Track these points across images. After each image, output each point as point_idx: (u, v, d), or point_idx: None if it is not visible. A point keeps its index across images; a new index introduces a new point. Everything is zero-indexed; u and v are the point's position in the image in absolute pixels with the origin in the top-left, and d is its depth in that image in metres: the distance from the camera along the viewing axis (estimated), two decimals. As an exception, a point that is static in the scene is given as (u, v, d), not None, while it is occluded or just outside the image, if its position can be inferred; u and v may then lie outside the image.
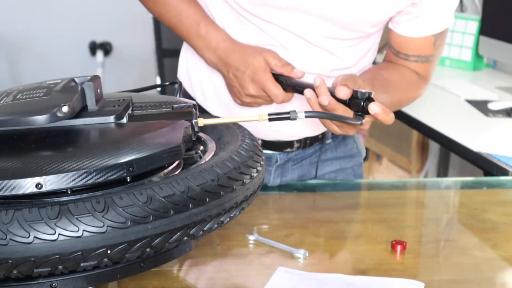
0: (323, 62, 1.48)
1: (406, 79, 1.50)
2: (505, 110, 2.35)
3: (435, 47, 1.52)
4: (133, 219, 0.89)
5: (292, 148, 1.59)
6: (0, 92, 1.12)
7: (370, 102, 1.13)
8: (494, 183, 1.61)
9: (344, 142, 1.68)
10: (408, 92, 1.52)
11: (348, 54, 1.50)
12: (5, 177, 0.90)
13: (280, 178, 1.61)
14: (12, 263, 0.87)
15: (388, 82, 1.43)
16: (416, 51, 1.52)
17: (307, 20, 1.43)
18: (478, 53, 3.10)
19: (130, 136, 1.03)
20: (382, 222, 1.32)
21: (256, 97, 1.42)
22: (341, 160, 1.67)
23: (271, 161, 1.59)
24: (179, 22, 1.52)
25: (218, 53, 1.47)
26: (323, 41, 1.46)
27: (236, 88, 1.45)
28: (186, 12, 1.51)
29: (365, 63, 1.55)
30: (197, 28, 1.50)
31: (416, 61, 1.52)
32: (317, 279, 1.06)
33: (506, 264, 1.16)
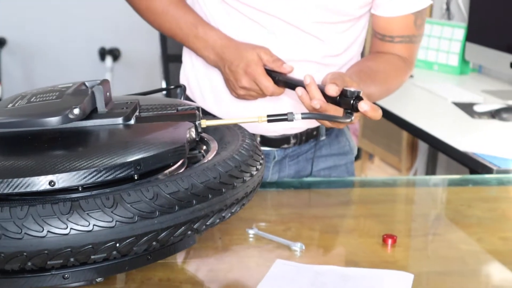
0: (313, 49, 1.49)
1: (393, 66, 1.51)
2: (489, 112, 2.35)
3: (416, 27, 1.53)
4: (140, 214, 0.90)
5: (289, 144, 1.59)
6: (15, 95, 1.12)
7: (359, 100, 1.13)
8: (479, 181, 1.61)
9: (337, 140, 1.68)
10: (395, 79, 1.53)
11: (337, 41, 1.51)
12: (20, 175, 0.90)
13: (278, 174, 1.61)
14: (26, 256, 0.87)
15: (375, 72, 1.44)
16: (400, 31, 1.53)
17: (297, 6, 1.44)
18: (464, 58, 3.10)
19: (137, 137, 1.03)
20: (374, 217, 1.32)
21: (249, 89, 1.42)
22: (335, 157, 1.67)
23: (269, 158, 1.59)
24: (178, 28, 1.53)
25: (216, 50, 1.48)
26: (313, 26, 1.47)
27: (231, 81, 1.45)
28: (183, 18, 1.52)
29: (354, 52, 1.56)
30: (195, 31, 1.51)
31: (401, 41, 1.53)
32: (313, 270, 1.06)
33: (490, 257, 1.16)
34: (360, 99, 1.14)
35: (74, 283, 0.95)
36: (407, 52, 1.54)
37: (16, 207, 0.87)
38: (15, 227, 0.86)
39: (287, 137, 1.58)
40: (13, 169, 0.92)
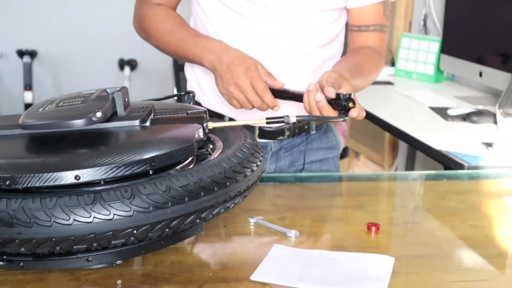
0: (302, 38, 1.51)
1: (372, 59, 1.53)
2: (461, 116, 2.35)
3: (385, 17, 1.58)
4: (155, 205, 0.90)
5: (284, 136, 1.60)
6: (45, 100, 1.12)
7: (350, 101, 1.19)
8: (452, 176, 1.61)
9: (326, 135, 1.69)
10: (375, 70, 1.55)
11: (323, 32, 1.54)
12: (50, 170, 0.90)
13: (275, 164, 1.62)
14: (55, 241, 0.88)
15: (360, 67, 1.45)
16: (372, 20, 1.56)
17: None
18: (439, 68, 3.10)
19: (152, 137, 1.03)
20: (360, 208, 1.32)
21: (241, 89, 1.37)
22: (324, 150, 1.68)
23: (267, 149, 1.60)
24: (181, 41, 1.50)
25: (215, 52, 1.43)
26: (304, 16, 1.50)
27: (226, 78, 1.39)
28: (186, 32, 1.52)
29: (336, 50, 1.60)
30: (196, 39, 1.48)
31: (374, 30, 1.56)
32: (306, 254, 1.06)
33: (462, 243, 1.16)
34: (351, 99, 1.19)
35: (96, 265, 0.96)
36: (380, 42, 1.57)
37: (46, 198, 0.88)
38: (45, 216, 0.87)
39: (282, 130, 1.58)
40: (43, 165, 0.92)
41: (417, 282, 1.01)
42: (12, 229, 0.87)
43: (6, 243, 0.89)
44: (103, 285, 0.94)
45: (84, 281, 0.95)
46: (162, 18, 1.54)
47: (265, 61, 1.46)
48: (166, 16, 1.54)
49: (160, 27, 1.53)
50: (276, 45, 1.49)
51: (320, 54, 1.54)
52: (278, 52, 1.49)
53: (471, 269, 1.08)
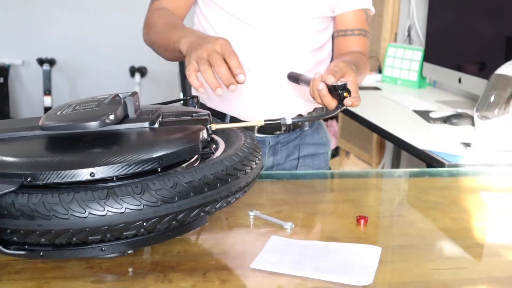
0: (300, 42, 1.53)
1: (361, 59, 1.53)
2: (442, 118, 2.35)
3: (367, 24, 1.59)
4: (163, 199, 0.90)
5: (280, 131, 1.60)
6: (63, 104, 1.12)
7: (345, 91, 1.19)
8: (434, 173, 1.62)
9: (317, 131, 1.70)
10: (365, 69, 1.54)
11: (316, 38, 1.56)
12: (67, 168, 0.90)
13: (273, 157, 1.62)
14: (72, 232, 0.88)
15: (357, 64, 1.45)
16: (357, 25, 1.57)
17: (287, 6, 1.49)
18: (422, 75, 3.11)
19: (160, 137, 1.03)
20: (350, 202, 1.33)
21: (210, 55, 1.12)
22: (316, 145, 1.69)
23: (265, 143, 1.60)
24: (168, 30, 1.39)
25: (196, 34, 1.28)
26: (302, 23, 1.51)
27: (201, 44, 1.17)
28: (171, 26, 1.42)
29: (325, 54, 1.61)
30: (182, 29, 1.36)
31: (359, 34, 1.58)
32: (300, 245, 1.06)
33: (443, 234, 1.16)
34: (346, 89, 1.19)
35: (109, 254, 0.96)
36: (364, 46, 1.59)
37: (63, 193, 0.88)
38: (63, 209, 0.87)
39: (279, 126, 1.59)
40: (61, 163, 0.92)
41: (402, 270, 1.01)
42: (33, 221, 0.87)
43: (28, 234, 0.89)
44: (116, 273, 0.94)
45: (98, 269, 0.95)
46: (162, 17, 1.49)
47: (264, 61, 1.47)
48: (168, 15, 1.49)
49: (159, 24, 1.47)
50: (273, 47, 1.51)
51: (313, 57, 1.56)
52: (276, 53, 1.51)
53: (451, 258, 1.08)
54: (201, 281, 0.93)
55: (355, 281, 0.93)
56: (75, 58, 4.66)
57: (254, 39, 1.50)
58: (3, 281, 0.91)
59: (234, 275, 0.96)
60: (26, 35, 4.57)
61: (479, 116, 2.15)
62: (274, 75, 1.50)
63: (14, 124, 1.12)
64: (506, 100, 2.08)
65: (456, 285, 0.95)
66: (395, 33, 3.55)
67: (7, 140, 1.05)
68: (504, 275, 1.01)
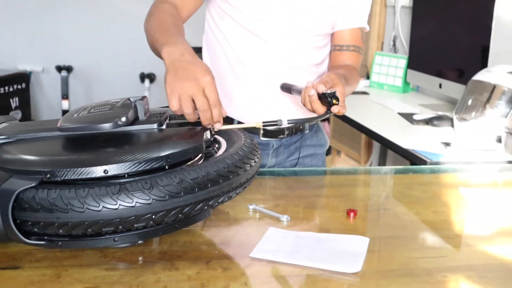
0: (303, 58, 1.53)
1: (352, 73, 1.53)
2: (424, 120, 2.35)
3: (362, 42, 1.59)
4: (170, 194, 0.90)
5: (284, 135, 1.60)
6: (78, 107, 1.12)
7: (334, 98, 1.21)
8: (417, 170, 1.62)
9: (316, 134, 1.70)
10: (354, 82, 1.54)
11: (317, 54, 1.55)
12: (83, 165, 0.90)
13: (275, 158, 1.62)
14: (87, 224, 0.88)
15: (346, 77, 1.45)
16: (352, 41, 1.57)
17: (292, 22, 1.47)
18: (406, 81, 3.11)
19: (167, 138, 1.03)
20: (340, 197, 1.32)
21: (197, 97, 1.06)
22: (315, 147, 1.69)
23: (269, 146, 1.60)
24: (160, 29, 1.28)
25: (180, 45, 1.16)
26: (304, 40, 1.50)
27: (185, 75, 1.08)
28: (162, 31, 1.29)
29: (324, 68, 1.60)
30: (171, 32, 1.27)
31: (353, 50, 1.57)
32: (296, 235, 1.06)
33: (425, 226, 1.16)
34: (335, 97, 1.21)
35: (121, 244, 0.96)
36: (356, 60, 1.59)
37: (79, 189, 0.88)
38: (79, 203, 0.87)
39: (282, 130, 1.59)
40: (77, 161, 0.92)
41: (388, 258, 1.01)
42: (52, 214, 0.87)
43: (47, 226, 0.89)
44: (127, 261, 0.94)
45: (111, 258, 0.95)
46: (164, 13, 1.36)
47: (273, 72, 1.47)
48: (170, 12, 1.37)
49: (158, 16, 1.35)
50: (283, 60, 1.50)
51: (314, 71, 1.55)
52: (284, 66, 1.51)
53: (432, 247, 1.08)
54: (205, 269, 0.93)
55: (346, 268, 0.93)
56: (90, 65, 4.66)
57: (264, 52, 1.49)
58: (25, 268, 0.91)
59: (235, 263, 0.96)
60: (46, 45, 4.57)
61: (458, 118, 2.15)
62: (282, 81, 1.50)
63: (35, 126, 1.12)
64: (482, 104, 2.08)
65: (437, 272, 0.95)
66: (382, 43, 3.56)
67: (28, 140, 1.05)
68: (480, 263, 1.01)
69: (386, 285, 0.91)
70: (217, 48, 1.55)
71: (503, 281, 0.94)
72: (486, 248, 1.07)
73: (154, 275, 0.90)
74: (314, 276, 0.92)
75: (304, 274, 0.93)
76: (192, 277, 0.90)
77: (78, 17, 4.57)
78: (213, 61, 1.56)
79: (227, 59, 1.52)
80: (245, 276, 0.92)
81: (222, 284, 0.88)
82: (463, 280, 0.94)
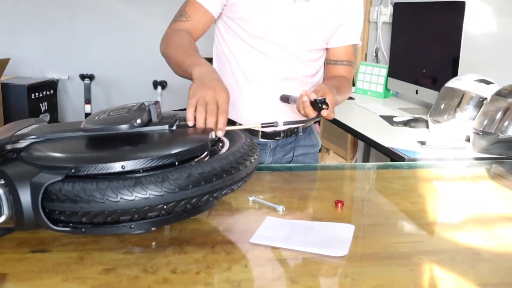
0: (299, 70, 1.52)
1: (344, 83, 1.54)
2: (403, 122, 2.35)
3: (354, 57, 1.59)
4: (180, 187, 0.89)
5: (280, 137, 1.60)
6: (100, 110, 1.12)
7: (324, 104, 1.23)
8: (396, 166, 1.62)
9: (309, 136, 1.70)
10: (346, 92, 1.54)
11: (312, 65, 1.55)
12: (103, 162, 0.90)
13: (272, 157, 1.63)
14: (107, 213, 0.88)
15: (339, 87, 1.46)
16: (345, 57, 1.57)
17: (292, 39, 1.47)
18: (387, 87, 3.11)
19: (177, 138, 1.03)
20: (330, 189, 1.32)
21: (208, 99, 1.11)
22: (308, 147, 1.69)
23: (267, 146, 1.60)
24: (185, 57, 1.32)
25: (204, 65, 1.24)
26: (301, 53, 1.50)
27: (202, 84, 1.15)
28: (184, 49, 1.36)
29: (319, 78, 1.60)
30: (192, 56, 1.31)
31: (347, 64, 1.57)
32: (290, 223, 1.06)
33: (403, 215, 1.16)
34: (325, 103, 1.24)
35: (137, 231, 0.95)
36: (349, 73, 1.59)
37: (100, 182, 0.87)
38: (99, 195, 0.86)
39: (279, 132, 1.59)
40: (98, 158, 0.92)
41: (370, 243, 1.01)
42: (76, 204, 0.87)
43: (72, 214, 0.89)
44: (142, 246, 0.94)
45: (128, 243, 0.95)
46: (181, 38, 1.40)
47: (275, 83, 1.47)
48: (184, 37, 1.40)
49: (175, 42, 1.39)
50: (283, 73, 1.51)
51: (310, 81, 1.55)
52: (283, 78, 1.51)
53: (410, 234, 1.08)
54: (210, 253, 0.92)
55: (334, 252, 0.93)
56: (109, 74, 4.66)
57: (268, 67, 1.50)
58: (53, 251, 0.91)
59: (237, 248, 0.96)
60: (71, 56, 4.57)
61: (432, 121, 2.15)
62: (282, 92, 1.50)
63: (61, 127, 1.12)
64: (453, 108, 2.08)
65: (413, 255, 0.95)
66: (365, 54, 3.56)
67: (55, 139, 1.05)
68: (451, 247, 1.01)
69: (369, 266, 0.91)
70: (224, 60, 1.55)
71: (470, 262, 0.95)
72: (456, 234, 1.07)
73: (165, 258, 0.90)
74: (306, 259, 0.92)
75: (297, 257, 0.93)
76: (199, 260, 0.90)
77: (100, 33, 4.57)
78: (220, 69, 1.56)
79: (232, 72, 1.53)
80: (246, 259, 0.92)
81: (225, 266, 0.88)
82: (436, 262, 0.94)
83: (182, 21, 1.46)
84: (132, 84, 4.67)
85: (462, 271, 0.91)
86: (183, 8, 1.49)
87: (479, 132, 1.85)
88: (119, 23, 4.56)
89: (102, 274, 0.84)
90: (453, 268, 0.92)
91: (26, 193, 0.88)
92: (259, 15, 1.44)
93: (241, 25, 1.46)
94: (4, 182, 0.89)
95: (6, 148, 1.01)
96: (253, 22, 1.44)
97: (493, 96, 1.88)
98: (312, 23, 1.47)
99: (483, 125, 1.84)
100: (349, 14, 1.52)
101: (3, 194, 0.88)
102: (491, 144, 1.82)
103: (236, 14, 1.46)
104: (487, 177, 1.46)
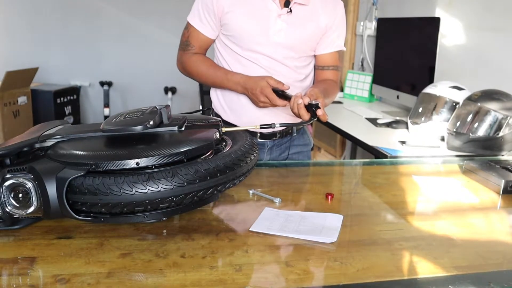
0: (289, 76, 1.51)
1: (332, 87, 1.53)
2: (386, 123, 2.35)
3: (340, 61, 1.58)
4: (187, 182, 0.89)
5: (276, 137, 1.60)
6: (116, 113, 1.12)
7: (317, 108, 1.23)
8: (380, 162, 1.61)
9: (302, 136, 1.70)
10: (334, 94, 1.54)
11: (301, 71, 1.53)
12: (120, 159, 0.90)
13: (270, 155, 1.62)
14: (123, 205, 0.88)
15: (327, 90, 1.45)
16: (331, 63, 1.57)
17: (278, 50, 1.47)
18: (371, 93, 3.10)
19: (186, 137, 1.03)
20: (321, 183, 1.32)
21: (264, 102, 1.38)
22: (301, 146, 1.69)
23: (265, 146, 1.60)
24: (217, 78, 1.49)
25: (241, 84, 1.44)
26: (289, 61, 1.50)
27: (254, 100, 1.41)
28: (219, 72, 1.50)
29: (308, 82, 1.59)
30: (226, 77, 1.48)
31: (333, 69, 1.57)
32: (286, 214, 1.06)
33: (386, 206, 1.16)
34: (318, 107, 1.24)
35: (150, 220, 0.95)
36: (336, 77, 1.59)
37: (117, 177, 0.88)
38: (117, 188, 0.86)
39: (275, 133, 1.59)
40: (116, 156, 0.92)
41: (357, 231, 1.01)
42: (96, 196, 0.87)
43: (93, 205, 0.89)
44: (154, 233, 0.94)
45: (142, 231, 0.95)
46: (199, 63, 1.52)
47: None
48: (202, 61, 1.52)
49: (199, 70, 1.52)
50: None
51: (300, 85, 1.55)
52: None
53: (392, 222, 1.08)
54: (215, 240, 0.93)
55: (325, 239, 0.93)
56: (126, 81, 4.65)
57: (260, 75, 1.49)
58: (76, 238, 0.91)
59: (238, 235, 0.96)
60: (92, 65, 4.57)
61: (411, 122, 2.15)
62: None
63: (83, 128, 1.11)
64: (430, 111, 2.08)
65: (395, 241, 0.95)
66: (352, 63, 3.55)
67: (78, 139, 1.05)
68: (428, 234, 1.01)
69: (356, 251, 0.91)
70: None
71: (445, 247, 0.95)
72: (432, 222, 1.07)
73: (175, 244, 0.90)
74: (300, 245, 0.92)
75: (292, 243, 0.93)
76: (205, 246, 0.90)
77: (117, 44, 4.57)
78: None
79: None
80: (246, 245, 0.92)
81: (228, 251, 0.88)
82: (415, 247, 0.94)
83: (189, 51, 1.55)
84: (146, 90, 4.66)
85: (437, 255, 0.91)
86: (187, 38, 1.54)
87: (452, 132, 1.86)
88: (134, 35, 4.55)
89: (119, 258, 0.85)
90: (430, 253, 0.92)
91: (52, 187, 0.88)
92: (248, 31, 1.45)
93: (234, 41, 1.48)
94: (33, 177, 0.89)
95: (35, 146, 1.01)
96: (243, 38, 1.46)
97: (464, 100, 1.88)
98: (298, 35, 1.47)
99: (456, 126, 1.85)
100: (332, 23, 1.52)
101: (32, 187, 0.89)
102: (463, 143, 1.83)
103: (228, 32, 1.48)
104: (459, 172, 1.46)
